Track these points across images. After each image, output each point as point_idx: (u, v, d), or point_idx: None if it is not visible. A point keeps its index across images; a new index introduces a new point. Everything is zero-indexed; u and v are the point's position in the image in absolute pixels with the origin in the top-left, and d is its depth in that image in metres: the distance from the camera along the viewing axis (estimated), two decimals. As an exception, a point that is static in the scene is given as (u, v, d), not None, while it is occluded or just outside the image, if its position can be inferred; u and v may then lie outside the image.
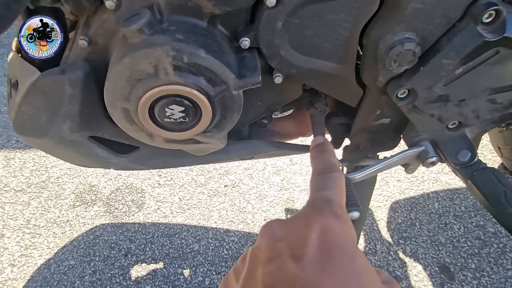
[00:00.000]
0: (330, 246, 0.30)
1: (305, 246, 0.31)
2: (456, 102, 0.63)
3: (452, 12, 0.52)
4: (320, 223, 0.32)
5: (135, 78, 0.49)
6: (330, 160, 0.44)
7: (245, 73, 0.52)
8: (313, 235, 0.31)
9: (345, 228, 0.32)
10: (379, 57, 0.55)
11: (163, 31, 0.49)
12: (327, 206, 0.34)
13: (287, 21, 0.51)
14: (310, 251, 0.30)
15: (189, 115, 0.53)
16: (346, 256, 0.30)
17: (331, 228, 0.32)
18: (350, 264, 0.29)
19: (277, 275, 0.30)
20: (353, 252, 0.31)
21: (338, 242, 0.31)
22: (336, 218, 0.33)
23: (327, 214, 0.33)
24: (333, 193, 0.37)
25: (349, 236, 0.32)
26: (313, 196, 0.37)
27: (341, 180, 0.40)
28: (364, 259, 0.31)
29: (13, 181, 1.63)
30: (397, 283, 0.36)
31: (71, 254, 1.36)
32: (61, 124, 0.60)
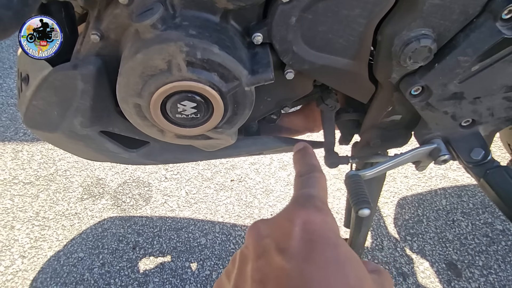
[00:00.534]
0: (313, 237, 0.32)
1: (289, 239, 0.32)
2: (470, 99, 0.62)
3: (470, 8, 0.51)
4: (303, 217, 0.34)
5: (148, 73, 0.49)
6: (311, 162, 0.45)
7: (258, 69, 0.52)
8: (296, 229, 0.33)
9: (326, 220, 0.34)
10: (394, 53, 0.54)
11: (176, 27, 0.48)
12: (308, 202, 0.36)
13: (301, 16, 0.51)
14: (294, 243, 0.31)
15: (201, 111, 0.52)
16: (328, 245, 0.31)
17: (313, 221, 0.33)
18: (333, 253, 0.31)
19: (264, 269, 0.32)
20: (336, 241, 0.32)
21: (320, 233, 0.32)
22: (318, 211, 0.34)
23: (308, 208, 0.35)
24: (314, 190, 0.39)
25: (330, 227, 0.33)
26: (295, 194, 0.39)
27: (322, 179, 0.41)
28: (347, 248, 0.32)
29: (21, 174, 1.64)
30: (385, 271, 0.37)
31: (80, 247, 1.37)
32: (72, 119, 0.60)
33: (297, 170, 0.45)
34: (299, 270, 0.30)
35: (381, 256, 1.29)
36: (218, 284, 0.38)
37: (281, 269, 0.30)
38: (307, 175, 0.42)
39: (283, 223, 0.34)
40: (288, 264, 0.30)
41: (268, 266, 0.31)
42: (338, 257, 0.30)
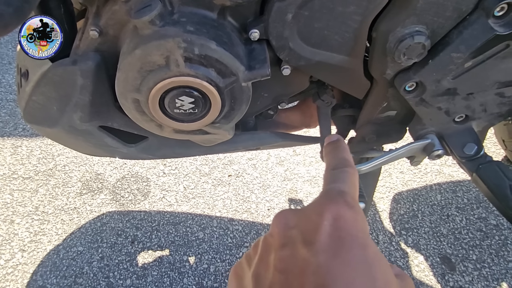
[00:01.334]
0: (342, 234, 0.31)
1: (317, 233, 0.31)
2: (464, 95, 0.63)
3: (463, 5, 0.51)
4: (333, 212, 0.32)
5: (146, 69, 0.50)
6: (344, 156, 0.44)
7: (255, 65, 0.53)
8: (325, 223, 0.31)
9: (357, 218, 0.32)
10: (388, 50, 0.55)
11: (174, 23, 0.49)
12: (339, 197, 0.34)
13: (297, 13, 0.51)
14: (322, 237, 0.30)
15: (198, 106, 0.53)
16: (357, 244, 0.30)
17: (343, 217, 0.32)
18: (361, 252, 0.30)
19: (289, 260, 0.31)
20: (365, 241, 0.31)
21: (350, 230, 0.31)
22: (349, 208, 0.33)
23: (339, 203, 0.33)
24: (346, 186, 0.37)
25: (360, 226, 0.32)
26: (326, 188, 0.37)
27: (354, 175, 0.40)
28: (376, 249, 0.31)
29: (21, 169, 1.65)
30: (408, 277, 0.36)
31: (79, 241, 1.38)
32: (72, 114, 0.61)
33: (329, 163, 0.43)
34: (326, 266, 0.29)
35: (377, 250, 1.30)
36: (236, 269, 0.37)
37: (306, 262, 0.30)
38: (339, 169, 0.40)
39: (312, 216, 0.33)
40: (314, 258, 0.29)
41: (293, 258, 0.31)
42: (367, 257, 0.30)
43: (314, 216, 0.33)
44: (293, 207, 1.45)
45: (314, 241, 0.31)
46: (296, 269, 0.30)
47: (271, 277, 0.31)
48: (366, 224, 0.33)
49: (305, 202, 1.48)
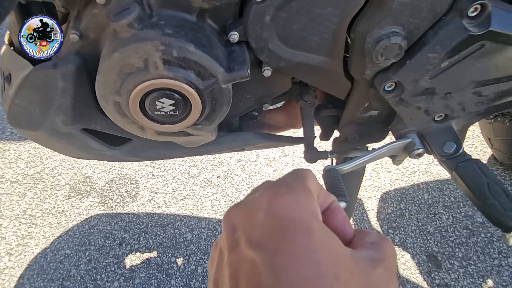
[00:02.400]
0: (283, 224, 0.29)
1: (258, 229, 0.30)
2: (442, 95, 0.64)
3: (438, 6, 0.53)
4: (270, 201, 0.30)
5: (125, 72, 0.50)
6: None
7: (234, 66, 0.53)
8: (265, 216, 0.30)
9: (297, 200, 0.31)
10: (366, 50, 0.56)
11: (152, 26, 0.49)
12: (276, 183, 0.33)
13: (275, 15, 0.52)
14: (264, 234, 0.29)
15: (179, 108, 0.54)
16: (300, 231, 0.29)
17: (282, 204, 0.30)
18: (304, 239, 0.28)
19: (237, 264, 0.30)
20: (308, 225, 0.29)
21: (291, 216, 0.29)
22: (287, 191, 0.31)
23: (277, 189, 0.31)
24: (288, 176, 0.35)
25: (303, 208, 0.30)
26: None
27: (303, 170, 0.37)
28: (321, 230, 0.29)
29: (8, 173, 1.64)
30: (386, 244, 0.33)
31: (66, 244, 1.37)
32: (54, 117, 0.61)
33: None
34: (269, 264, 0.28)
35: (364, 249, 1.31)
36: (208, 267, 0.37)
37: (252, 264, 0.29)
38: None
39: (252, 210, 0.31)
40: (259, 258, 0.29)
41: (240, 261, 0.30)
42: (310, 243, 0.28)
43: (254, 210, 0.31)
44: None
45: (255, 240, 0.29)
46: (244, 273, 0.29)
47: (226, 284, 0.30)
48: (311, 203, 0.31)
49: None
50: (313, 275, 0.27)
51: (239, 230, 0.31)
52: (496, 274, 1.24)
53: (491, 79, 0.63)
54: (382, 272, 0.31)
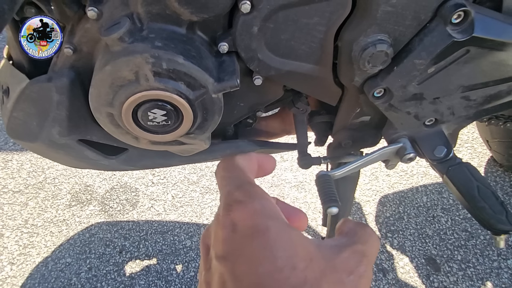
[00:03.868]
0: (244, 232, 0.32)
1: (223, 244, 0.33)
2: (430, 100, 0.65)
3: (422, 14, 0.54)
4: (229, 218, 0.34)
5: (117, 84, 0.51)
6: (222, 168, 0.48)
7: (224, 76, 0.54)
8: (226, 231, 0.33)
9: (254, 208, 0.34)
10: (354, 58, 0.57)
11: (143, 39, 0.50)
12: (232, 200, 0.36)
13: (263, 25, 0.53)
14: (226, 247, 0.32)
15: (171, 118, 0.55)
16: (257, 233, 0.32)
17: (239, 217, 0.33)
18: (261, 239, 0.31)
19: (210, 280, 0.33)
20: (265, 225, 0.32)
21: (249, 224, 0.33)
22: (241, 205, 0.35)
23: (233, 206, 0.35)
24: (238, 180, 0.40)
25: (257, 213, 0.33)
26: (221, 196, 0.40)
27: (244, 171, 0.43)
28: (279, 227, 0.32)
29: (11, 183, 1.66)
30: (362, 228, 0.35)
31: (67, 252, 1.39)
32: (50, 129, 0.62)
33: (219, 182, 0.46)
34: (232, 272, 0.30)
35: (362, 253, 1.32)
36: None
37: (221, 276, 0.31)
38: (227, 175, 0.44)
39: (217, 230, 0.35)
40: (224, 268, 0.31)
41: (212, 276, 0.33)
42: (267, 241, 0.31)
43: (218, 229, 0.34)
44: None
45: (222, 254, 0.32)
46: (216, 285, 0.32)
47: None
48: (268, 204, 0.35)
49: (291, 207, 1.49)
50: (270, 271, 0.29)
51: (212, 249, 0.35)
52: (496, 277, 1.24)
53: (478, 84, 0.63)
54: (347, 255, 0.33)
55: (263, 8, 0.51)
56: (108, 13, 0.51)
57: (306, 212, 1.47)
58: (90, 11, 0.50)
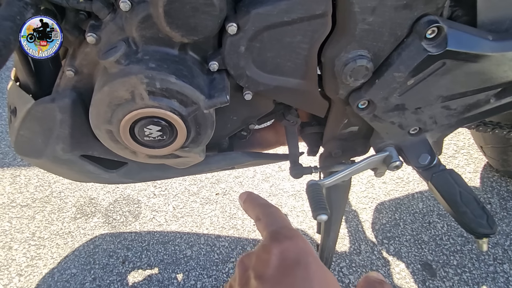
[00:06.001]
0: (287, 262, 0.37)
1: (266, 267, 0.37)
2: (412, 110, 0.67)
3: (398, 30, 0.57)
4: (278, 248, 0.38)
5: (115, 103, 0.55)
6: (260, 202, 0.50)
7: (214, 93, 0.58)
8: (273, 258, 0.38)
9: (298, 245, 0.39)
10: (337, 73, 0.60)
11: (138, 61, 0.54)
12: (280, 235, 0.41)
13: (249, 45, 0.57)
14: (270, 270, 0.37)
15: (166, 133, 0.58)
16: (299, 265, 0.36)
17: (287, 249, 0.38)
18: (302, 271, 0.35)
19: None
20: (306, 260, 0.37)
21: (294, 257, 0.37)
22: (290, 240, 0.39)
23: (282, 240, 0.40)
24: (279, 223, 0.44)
25: (302, 249, 0.38)
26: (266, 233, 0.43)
27: (278, 211, 0.47)
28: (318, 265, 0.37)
29: (19, 197, 1.70)
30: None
31: (73, 263, 1.42)
32: (54, 146, 0.66)
33: (254, 216, 0.49)
34: None
35: (359, 260, 1.34)
36: None
37: None
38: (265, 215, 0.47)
39: (263, 256, 0.39)
40: (262, 285, 0.36)
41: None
42: (307, 274, 0.35)
43: (265, 255, 0.39)
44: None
45: (263, 274, 0.37)
46: None
47: None
48: (307, 245, 0.39)
49: (289, 216, 1.52)
50: None
51: (250, 269, 0.39)
52: (491, 281, 1.25)
53: (456, 94, 0.66)
54: None
55: (248, 29, 0.55)
56: (105, 38, 0.55)
57: (303, 221, 1.50)
58: (89, 37, 0.54)
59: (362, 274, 1.30)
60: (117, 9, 0.54)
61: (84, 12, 0.56)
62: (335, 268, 1.31)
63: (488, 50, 0.60)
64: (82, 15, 0.57)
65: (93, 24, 0.55)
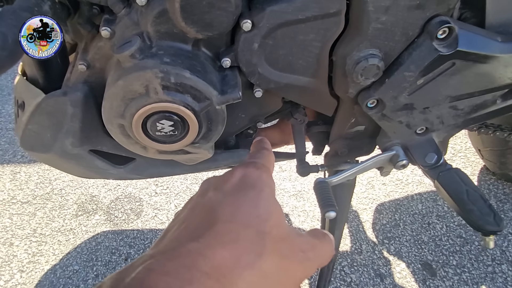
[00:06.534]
0: (243, 183, 0.39)
1: (225, 183, 0.40)
2: (421, 109, 0.68)
3: (410, 30, 0.57)
4: (242, 171, 0.41)
5: (128, 97, 0.55)
6: (263, 145, 0.53)
7: (227, 89, 0.58)
8: (233, 178, 0.40)
9: (261, 175, 0.41)
10: (348, 71, 0.61)
11: (152, 56, 0.54)
12: (249, 162, 0.44)
13: (263, 42, 0.57)
14: (227, 185, 0.39)
15: (178, 128, 0.58)
16: (254, 189, 0.38)
17: (250, 175, 0.41)
18: (254, 193, 0.38)
19: (198, 201, 0.40)
20: (262, 188, 0.39)
21: (252, 181, 0.40)
22: (256, 169, 0.42)
23: (248, 166, 0.42)
24: (259, 157, 0.47)
25: (263, 180, 0.40)
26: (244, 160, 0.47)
27: (269, 154, 0.49)
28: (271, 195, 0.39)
29: (19, 194, 1.69)
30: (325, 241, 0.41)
31: (75, 260, 1.42)
32: (64, 140, 0.66)
33: (251, 151, 0.53)
34: (220, 199, 0.37)
35: (360, 259, 1.35)
36: None
37: (209, 199, 0.38)
38: (256, 151, 0.50)
39: (226, 175, 0.42)
40: (215, 196, 0.38)
41: (201, 198, 0.40)
42: (258, 196, 0.38)
43: (228, 175, 0.42)
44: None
45: (220, 188, 0.39)
46: (200, 205, 0.39)
47: (183, 214, 0.40)
48: (270, 181, 0.42)
49: (291, 215, 1.52)
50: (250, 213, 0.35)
51: (211, 185, 0.41)
52: (490, 281, 1.26)
53: (464, 94, 0.67)
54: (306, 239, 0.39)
55: (263, 27, 0.55)
56: (120, 32, 0.55)
57: (305, 220, 1.50)
58: (104, 31, 0.54)
59: (364, 273, 1.31)
60: (132, 3, 0.54)
61: (97, 7, 0.57)
62: (337, 267, 1.32)
63: (497, 51, 0.61)
64: (95, 10, 0.57)
65: (107, 18, 0.56)
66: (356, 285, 1.28)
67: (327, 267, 1.04)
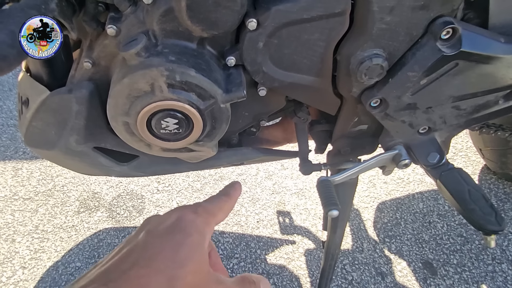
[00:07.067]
0: (175, 227, 0.40)
1: (160, 224, 0.41)
2: (423, 109, 0.68)
3: (414, 31, 0.58)
4: (178, 214, 0.42)
5: (134, 95, 0.55)
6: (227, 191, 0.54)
7: (231, 88, 0.58)
8: (168, 219, 0.42)
9: (195, 221, 0.42)
10: (352, 71, 0.61)
11: (157, 54, 0.55)
12: (190, 206, 0.45)
13: (268, 41, 0.57)
14: (160, 227, 0.41)
15: (182, 126, 0.59)
16: (182, 233, 0.39)
17: (183, 218, 0.42)
18: (181, 238, 0.39)
19: (130, 239, 0.41)
20: (190, 232, 0.40)
21: (183, 226, 0.41)
22: (192, 213, 0.43)
23: (186, 209, 0.43)
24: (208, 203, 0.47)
25: (196, 226, 0.41)
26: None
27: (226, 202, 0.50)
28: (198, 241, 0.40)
29: (21, 190, 1.70)
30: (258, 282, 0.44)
31: (77, 257, 1.42)
32: (68, 137, 0.66)
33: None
34: (147, 241, 0.39)
35: (361, 258, 1.35)
36: None
37: (138, 240, 0.39)
38: (216, 195, 0.51)
39: (165, 216, 0.43)
40: (144, 238, 0.39)
41: (134, 238, 0.41)
42: (183, 240, 0.38)
43: (166, 215, 0.43)
44: (281, 219, 1.49)
45: (153, 229, 0.41)
46: (129, 244, 0.39)
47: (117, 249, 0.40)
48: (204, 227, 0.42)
49: (292, 213, 1.53)
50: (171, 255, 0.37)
51: (149, 224, 0.43)
52: (490, 280, 1.27)
53: (467, 94, 0.67)
54: None
55: (268, 26, 0.55)
56: (125, 30, 0.55)
57: (306, 219, 1.51)
58: (109, 29, 0.54)
59: (365, 271, 1.32)
60: (138, 1, 0.54)
61: (102, 4, 0.57)
62: (338, 265, 1.32)
63: (500, 52, 0.61)
64: (100, 7, 0.57)
65: (113, 16, 0.56)
66: (357, 284, 1.28)
67: (329, 265, 1.04)
